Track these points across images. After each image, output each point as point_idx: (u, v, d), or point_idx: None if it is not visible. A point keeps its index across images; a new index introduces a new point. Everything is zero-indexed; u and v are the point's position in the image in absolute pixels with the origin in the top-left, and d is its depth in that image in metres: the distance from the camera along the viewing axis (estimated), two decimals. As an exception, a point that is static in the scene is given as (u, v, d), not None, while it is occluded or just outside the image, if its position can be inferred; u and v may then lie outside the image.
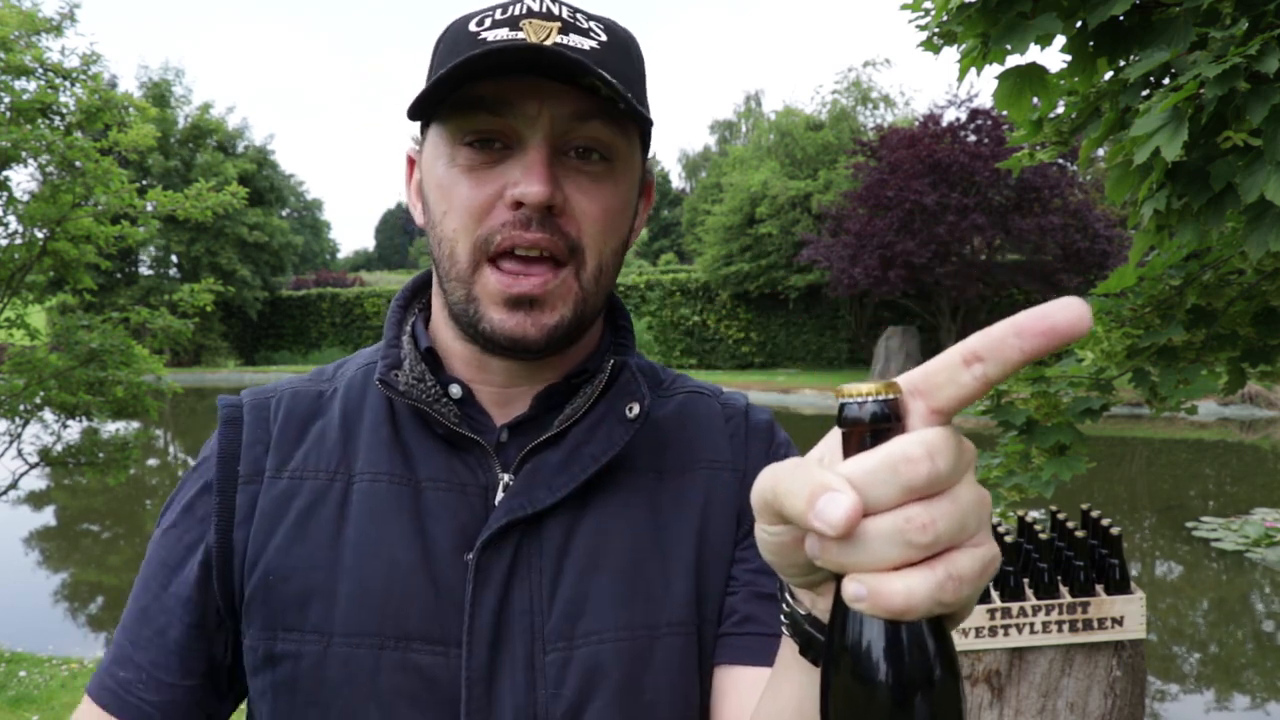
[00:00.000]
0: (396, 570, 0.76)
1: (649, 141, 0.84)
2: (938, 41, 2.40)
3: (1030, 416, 2.59)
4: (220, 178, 27.58)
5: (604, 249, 0.79)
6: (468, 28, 0.77)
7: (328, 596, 0.76)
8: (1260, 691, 5.31)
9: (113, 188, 5.92)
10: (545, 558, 0.78)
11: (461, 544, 0.77)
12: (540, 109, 0.74)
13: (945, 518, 0.41)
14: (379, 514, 0.78)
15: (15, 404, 5.87)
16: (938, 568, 0.40)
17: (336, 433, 0.83)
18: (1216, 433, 14.92)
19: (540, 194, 0.73)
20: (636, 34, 0.84)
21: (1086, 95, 2.35)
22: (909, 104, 34.05)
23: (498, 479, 0.80)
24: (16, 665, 5.22)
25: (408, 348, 0.85)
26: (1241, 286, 2.51)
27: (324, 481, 0.80)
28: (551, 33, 0.74)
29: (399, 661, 0.74)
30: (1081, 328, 0.39)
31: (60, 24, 6.22)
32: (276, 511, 0.80)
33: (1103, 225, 19.82)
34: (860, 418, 0.44)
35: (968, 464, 0.43)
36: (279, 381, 0.90)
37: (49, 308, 7.92)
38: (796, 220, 24.08)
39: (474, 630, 0.75)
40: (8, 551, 8.81)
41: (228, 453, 0.83)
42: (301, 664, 0.76)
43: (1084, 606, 2.81)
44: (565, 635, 0.76)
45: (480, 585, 0.76)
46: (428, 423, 0.82)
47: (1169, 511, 9.43)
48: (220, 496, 0.81)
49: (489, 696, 0.74)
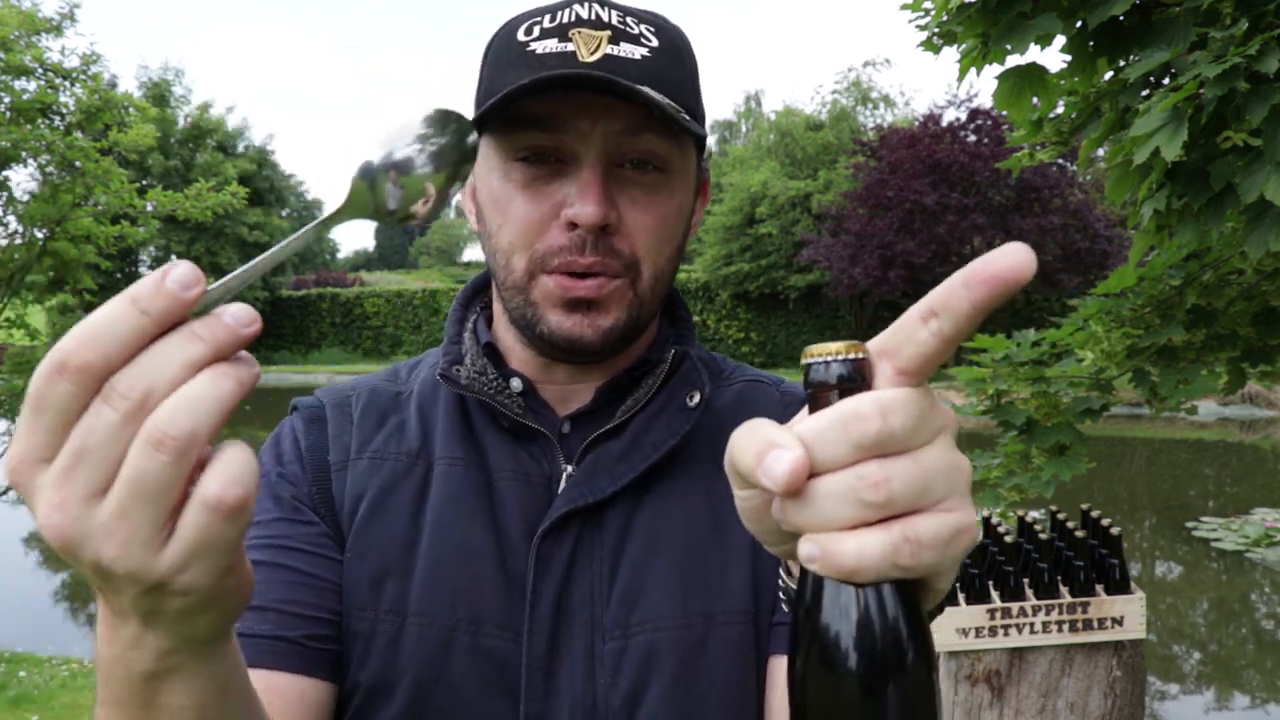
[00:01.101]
0: (470, 553, 0.77)
1: (704, 142, 0.82)
2: (938, 41, 2.40)
3: (1030, 416, 2.59)
4: (220, 178, 27.57)
5: (660, 258, 0.79)
6: (516, 36, 0.76)
7: (403, 576, 0.77)
8: (1260, 691, 5.31)
9: (113, 188, 5.93)
10: (605, 547, 0.78)
11: (527, 533, 0.78)
12: (593, 126, 0.74)
13: (902, 477, 0.40)
14: (455, 497, 0.79)
15: (15, 404, 5.87)
16: (894, 529, 0.40)
17: (415, 425, 0.84)
18: (1216, 433, 14.92)
19: (595, 215, 0.73)
20: None
21: (1086, 95, 2.35)
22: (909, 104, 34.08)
23: (561, 470, 0.81)
24: (16, 665, 5.22)
25: (469, 343, 0.86)
26: (1241, 286, 2.51)
27: (405, 464, 0.82)
28: (601, 43, 0.74)
29: (470, 645, 0.75)
30: (1023, 272, 0.38)
31: (60, 24, 6.22)
32: (360, 491, 0.81)
33: (1103, 225, 19.83)
34: (825, 379, 0.43)
35: (937, 427, 0.42)
36: (355, 380, 0.91)
37: (49, 308, 7.92)
38: (796, 220, 24.09)
39: (535, 619, 0.75)
40: (8, 551, 8.81)
41: (316, 448, 0.84)
42: (373, 644, 0.76)
43: (1084, 606, 2.82)
44: (622, 624, 0.76)
45: (541, 574, 0.77)
46: (493, 415, 0.83)
47: (1169, 511, 9.43)
48: (319, 488, 0.82)
49: (548, 686, 0.75)
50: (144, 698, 0.49)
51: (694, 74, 0.82)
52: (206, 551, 0.42)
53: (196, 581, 0.43)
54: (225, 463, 0.41)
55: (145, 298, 0.40)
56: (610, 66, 0.73)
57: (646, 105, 0.71)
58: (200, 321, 0.41)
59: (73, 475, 0.41)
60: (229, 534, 0.42)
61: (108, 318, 0.40)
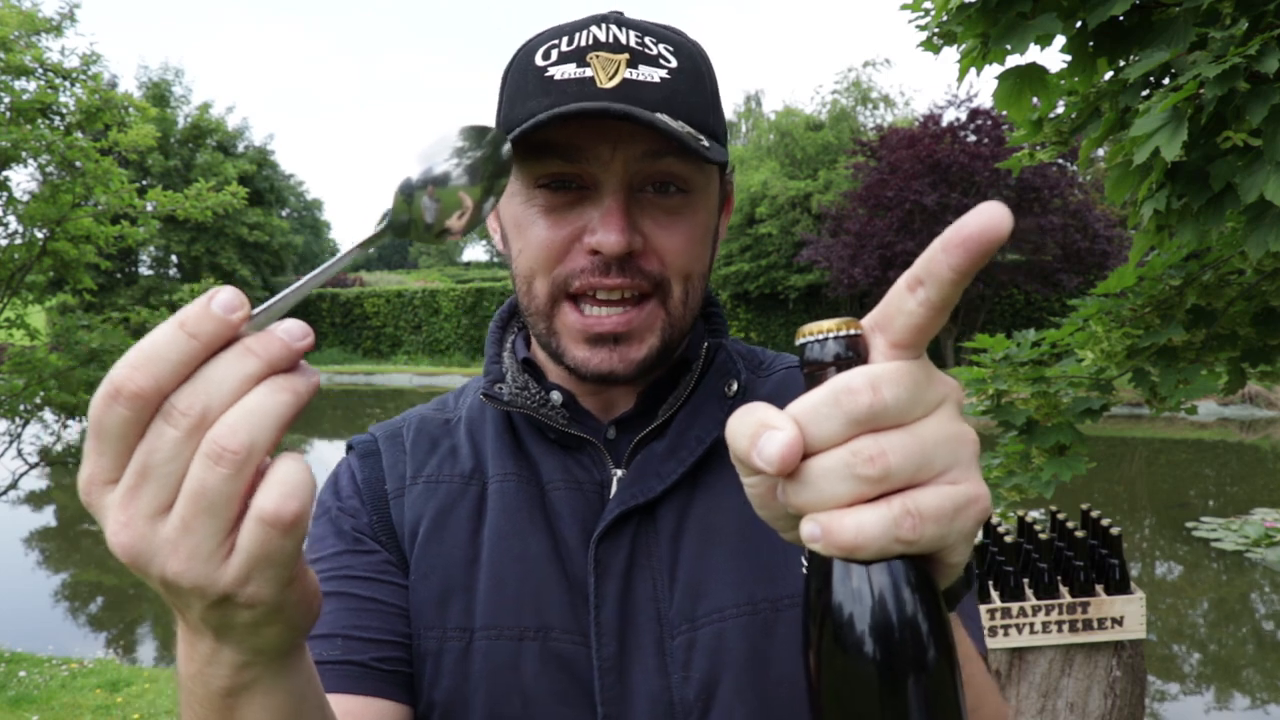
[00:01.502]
0: (530, 562, 0.79)
1: (726, 159, 0.82)
2: (938, 41, 2.40)
3: (1030, 417, 2.59)
4: (220, 178, 27.58)
5: (690, 275, 0.79)
6: (535, 61, 0.77)
7: (467, 593, 0.79)
8: (1260, 691, 5.31)
9: (113, 188, 5.92)
10: (662, 544, 0.79)
11: (584, 539, 0.79)
12: (613, 153, 0.74)
13: (898, 450, 0.40)
14: (511, 510, 0.81)
15: (15, 404, 5.87)
16: (894, 503, 0.39)
17: (466, 447, 0.86)
18: (1216, 433, 14.92)
19: (617, 244, 0.73)
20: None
21: (1086, 95, 2.35)
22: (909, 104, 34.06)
23: (611, 474, 0.82)
24: (16, 665, 5.22)
25: (509, 362, 0.88)
26: (1241, 286, 2.51)
27: (459, 485, 0.84)
28: (620, 67, 0.74)
29: (539, 651, 0.76)
30: (997, 231, 0.38)
31: (60, 24, 6.22)
32: (416, 513, 0.83)
33: (1103, 225, 19.82)
34: (820, 357, 0.43)
35: (937, 399, 0.42)
36: (405, 413, 0.93)
37: (49, 308, 7.92)
38: (796, 220, 24.08)
39: (601, 621, 0.76)
40: (8, 551, 8.81)
41: (372, 480, 0.86)
42: (444, 662, 0.77)
43: (1084, 606, 2.81)
44: (688, 617, 0.76)
45: (602, 576, 0.78)
46: (539, 428, 0.85)
47: (1169, 511, 9.43)
48: (378, 517, 0.84)
49: (622, 686, 0.75)
50: (224, 714, 0.51)
51: (714, 93, 0.82)
52: (267, 564, 0.43)
53: (260, 594, 0.44)
54: (280, 477, 0.42)
55: (192, 321, 0.41)
56: (629, 92, 0.73)
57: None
58: (254, 337, 0.43)
59: (137, 494, 0.42)
60: (287, 547, 0.43)
61: (158, 342, 0.41)
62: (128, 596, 7.50)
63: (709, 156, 0.73)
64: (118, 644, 6.43)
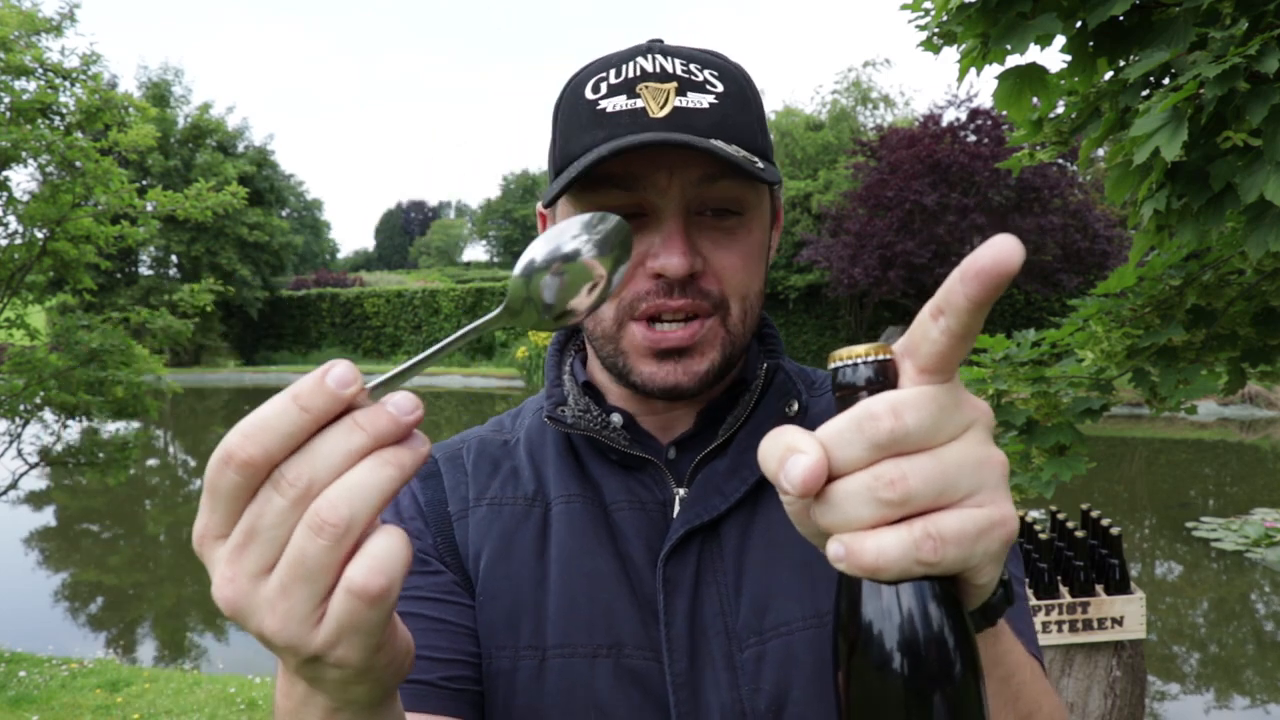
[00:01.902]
0: (600, 580, 0.80)
1: (778, 178, 0.85)
2: (938, 41, 2.40)
3: (1030, 416, 2.59)
4: (220, 178, 27.58)
5: (748, 293, 0.81)
6: (585, 95, 0.78)
7: (537, 612, 0.80)
8: (1260, 691, 5.31)
9: (113, 188, 5.92)
10: (727, 560, 0.81)
11: (650, 557, 0.81)
12: (670, 179, 0.76)
13: (920, 474, 0.41)
14: (578, 531, 0.82)
15: (15, 404, 5.87)
16: (916, 526, 0.40)
17: (528, 469, 0.88)
18: (1216, 433, 14.92)
19: (680, 266, 0.75)
20: (637, 35, 0.84)
21: (1086, 95, 2.35)
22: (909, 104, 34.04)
23: (673, 493, 0.84)
24: (16, 665, 5.22)
25: (569, 385, 0.90)
26: (1241, 286, 2.51)
27: (523, 507, 0.85)
28: (669, 96, 0.76)
29: (612, 668, 0.78)
30: (1008, 264, 0.39)
31: (60, 24, 6.22)
32: (481, 535, 0.84)
33: (1103, 225, 19.81)
34: (852, 381, 0.44)
35: (964, 423, 0.42)
36: (463, 435, 0.95)
37: (49, 308, 7.92)
38: (796, 220, 24.08)
39: (672, 637, 0.78)
40: (8, 551, 8.81)
41: (435, 501, 0.87)
42: (517, 680, 0.78)
43: (1084, 606, 2.82)
44: (755, 630, 0.78)
45: (671, 594, 0.79)
46: (600, 450, 0.86)
47: (1169, 511, 9.43)
48: (442, 538, 0.85)
49: (695, 700, 0.77)
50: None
51: (760, 113, 0.83)
52: (354, 631, 0.44)
53: (348, 657, 0.45)
54: (372, 550, 0.44)
55: (305, 395, 0.43)
56: (680, 120, 0.75)
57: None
58: (363, 412, 0.44)
59: (243, 553, 0.44)
60: (374, 618, 0.44)
61: (271, 413, 0.43)
62: (128, 596, 7.50)
63: (763, 178, 0.75)
64: (118, 644, 6.43)
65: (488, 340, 28.64)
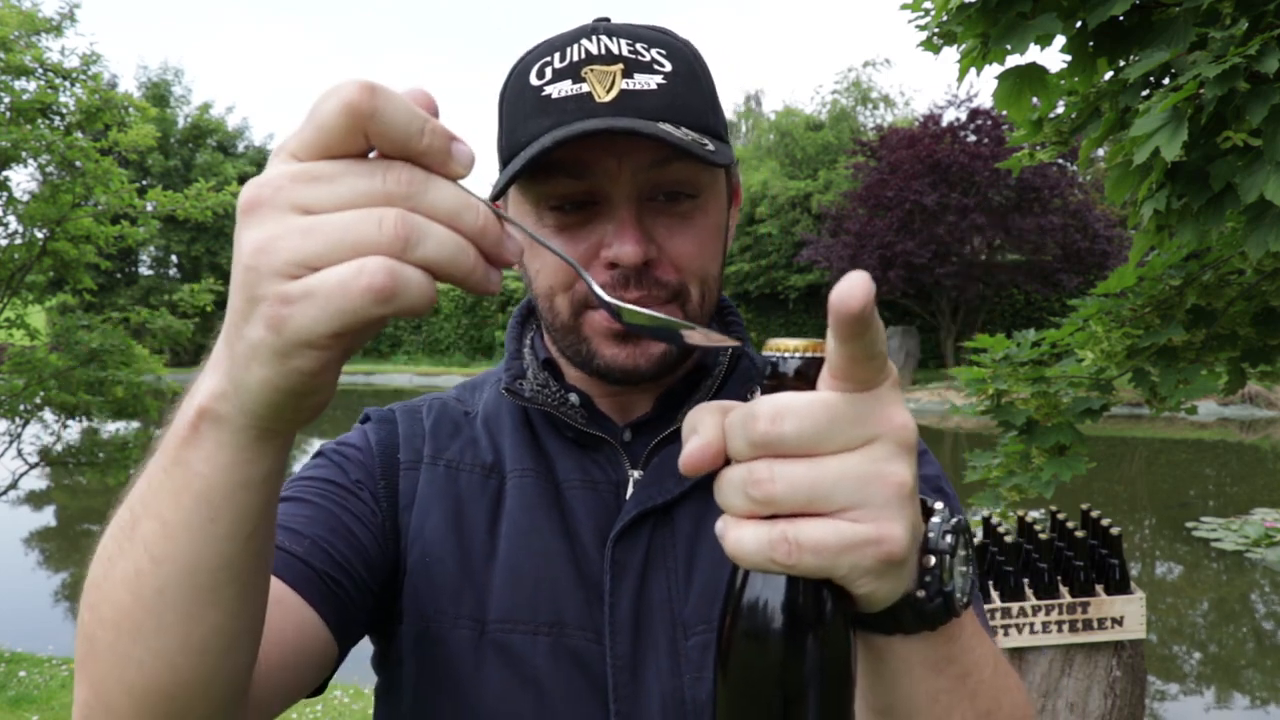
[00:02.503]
0: (547, 558, 0.79)
1: (731, 159, 0.82)
2: (938, 41, 2.40)
3: (1030, 417, 2.59)
4: (220, 178, 27.56)
5: (705, 278, 0.80)
6: (530, 81, 0.76)
7: (482, 585, 0.79)
8: (1260, 691, 5.31)
9: (113, 188, 5.93)
10: (679, 546, 0.80)
11: (599, 539, 0.80)
12: (620, 165, 0.74)
13: (788, 480, 0.41)
14: (529, 507, 0.82)
15: (15, 404, 5.87)
16: (776, 527, 0.41)
17: (485, 439, 0.87)
18: (1216, 433, 14.92)
19: (634, 254, 0.74)
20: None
21: (1086, 95, 2.35)
22: (909, 104, 34.05)
23: (628, 475, 0.83)
24: (16, 665, 5.22)
25: (529, 359, 0.90)
26: (1241, 286, 2.51)
27: (480, 476, 0.85)
28: (615, 78, 0.74)
29: (551, 646, 0.77)
30: (845, 304, 0.39)
31: (60, 24, 6.22)
32: (435, 495, 0.83)
33: (1103, 225, 19.81)
34: (779, 372, 0.45)
35: (863, 436, 0.42)
36: (424, 396, 0.94)
37: (49, 308, 7.91)
38: (796, 220, 24.08)
39: (615, 620, 0.77)
40: (8, 551, 8.81)
41: (386, 444, 0.86)
42: (453, 648, 0.77)
43: (1084, 606, 2.81)
44: (705, 618, 0.77)
45: (618, 576, 0.78)
46: (556, 426, 0.86)
47: (1169, 511, 9.43)
48: (385, 482, 0.84)
49: (636, 684, 0.76)
50: (178, 444, 0.49)
51: (711, 91, 0.81)
52: (331, 305, 0.41)
53: (305, 318, 0.41)
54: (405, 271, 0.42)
55: (440, 126, 0.44)
56: (628, 103, 0.73)
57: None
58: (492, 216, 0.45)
59: (308, 184, 0.42)
60: (351, 305, 0.41)
61: (403, 105, 0.43)
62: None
63: (715, 160, 0.73)
64: (118, 644, 6.42)
65: (487, 340, 28.65)
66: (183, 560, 0.49)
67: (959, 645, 0.52)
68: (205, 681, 0.53)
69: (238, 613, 0.53)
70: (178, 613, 0.50)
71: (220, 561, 0.50)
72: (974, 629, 0.55)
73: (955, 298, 21.41)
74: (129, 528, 0.51)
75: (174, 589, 0.50)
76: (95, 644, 0.53)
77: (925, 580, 0.48)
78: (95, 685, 0.53)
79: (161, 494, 0.49)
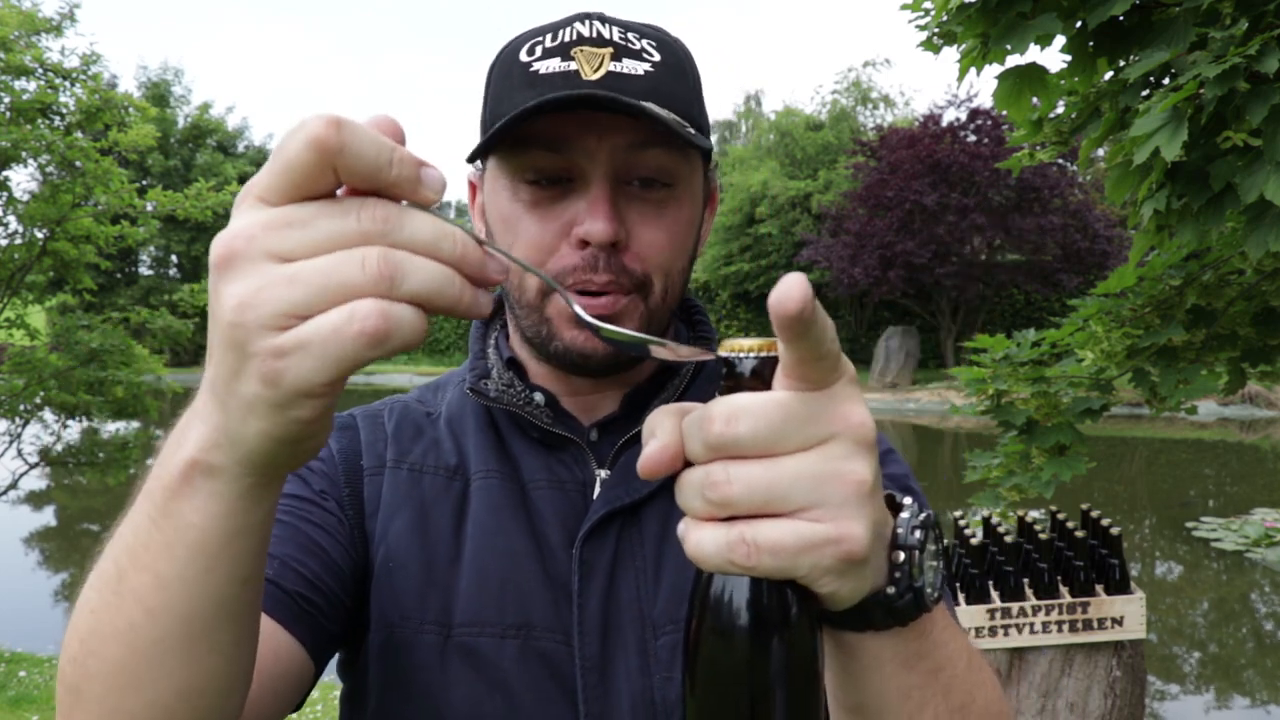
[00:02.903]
0: (514, 560, 0.79)
1: (710, 153, 0.83)
2: (938, 41, 2.40)
3: (1030, 417, 2.59)
4: (220, 178, 27.57)
5: (671, 272, 0.80)
6: (519, 57, 0.77)
7: (448, 589, 0.78)
8: (1260, 691, 5.31)
9: (113, 188, 5.92)
10: (647, 546, 0.80)
11: (566, 539, 0.80)
12: (599, 143, 0.74)
13: (744, 481, 0.41)
14: (495, 508, 0.81)
15: (15, 404, 5.87)
16: (734, 529, 0.41)
17: (449, 441, 0.86)
18: (1216, 433, 14.92)
19: (605, 232, 0.74)
20: None
21: (1086, 95, 2.35)
22: (909, 104, 34.06)
23: (594, 475, 0.83)
24: (16, 665, 5.22)
25: (494, 359, 0.89)
26: (1241, 286, 2.51)
27: (444, 479, 0.84)
28: (604, 60, 0.74)
29: (519, 649, 0.76)
30: (781, 305, 0.40)
31: (60, 24, 6.22)
32: (399, 499, 0.82)
33: (1103, 225, 19.82)
34: (735, 372, 0.44)
35: (819, 435, 0.42)
36: (385, 400, 0.93)
37: (49, 308, 7.91)
38: (796, 220, 24.09)
39: (584, 621, 0.77)
40: (8, 551, 8.81)
41: (349, 451, 0.85)
42: (419, 654, 0.77)
43: (1084, 606, 2.82)
44: (673, 618, 0.77)
45: (586, 577, 0.78)
46: (521, 426, 0.85)
47: (1169, 511, 9.43)
48: (350, 490, 0.83)
49: (605, 685, 0.76)
50: (168, 496, 0.48)
51: (697, 87, 0.82)
52: (328, 354, 0.40)
53: (302, 370, 0.41)
54: (396, 311, 0.41)
55: (406, 156, 0.43)
56: (613, 83, 0.73)
57: (651, 120, 0.71)
58: (471, 242, 0.44)
59: (281, 232, 0.41)
60: (347, 352, 0.40)
61: (370, 138, 0.41)
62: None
63: (695, 142, 0.74)
64: (118, 644, 6.42)
65: (488, 340, 28.63)
66: (179, 610, 0.49)
67: (930, 640, 0.52)
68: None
69: (234, 656, 0.53)
70: (175, 661, 0.50)
71: (217, 608, 0.50)
72: (945, 623, 0.55)
73: (955, 298, 21.41)
74: (114, 581, 0.50)
75: (172, 639, 0.49)
76: (82, 697, 0.52)
77: (895, 576, 0.48)
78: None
79: (152, 547, 0.48)
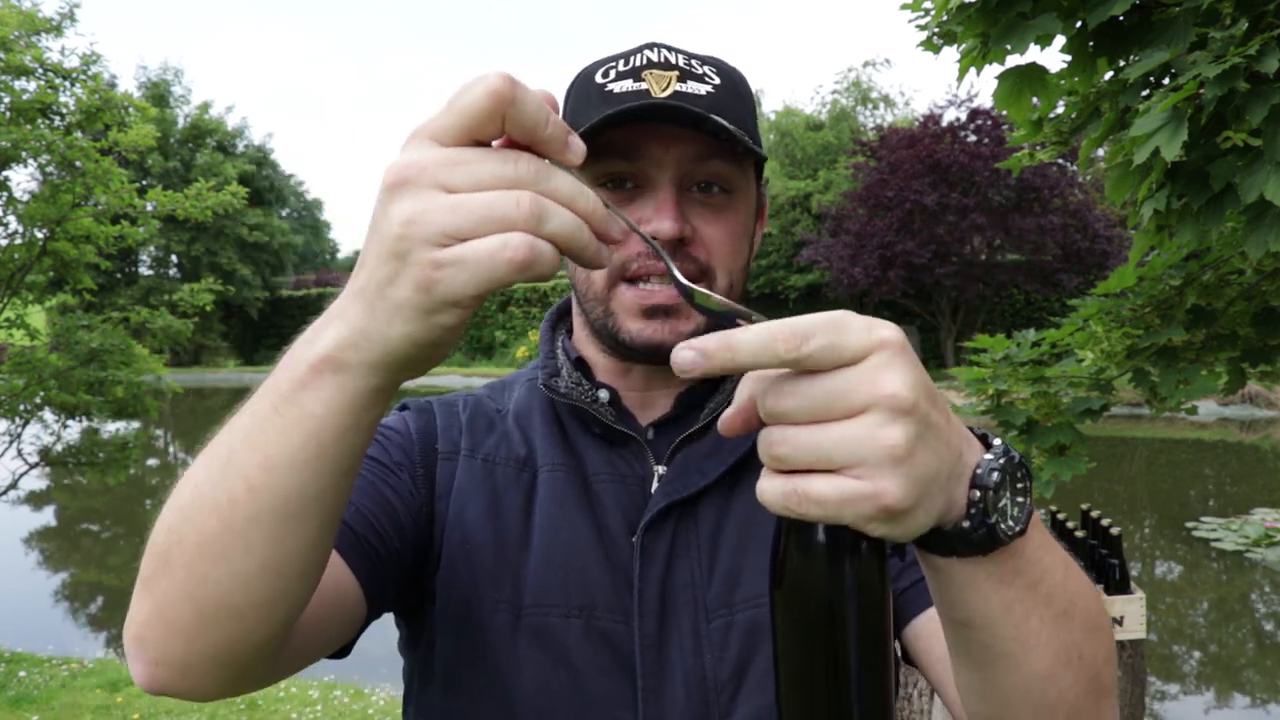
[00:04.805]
0: (578, 546, 0.86)
1: (762, 169, 0.93)
2: (938, 41, 2.39)
3: (1030, 417, 2.59)
4: (220, 178, 27.57)
5: (732, 268, 0.88)
6: (594, 80, 0.86)
7: (518, 571, 0.85)
8: (1260, 691, 5.31)
9: (113, 188, 5.92)
10: (702, 536, 0.87)
11: (626, 528, 0.87)
12: (666, 152, 0.83)
13: (794, 444, 0.47)
14: (560, 499, 0.88)
15: (15, 404, 5.87)
16: (790, 481, 0.48)
17: (517, 434, 0.93)
18: (1216, 433, 14.92)
19: (671, 229, 0.82)
20: (636, 35, 0.86)
21: (1086, 95, 2.35)
22: (909, 104, 34.04)
23: (652, 470, 0.90)
24: (16, 665, 5.22)
25: (562, 358, 0.96)
26: (1241, 286, 2.51)
27: (514, 470, 0.91)
28: (671, 81, 0.84)
29: (584, 628, 0.83)
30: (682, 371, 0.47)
31: (60, 24, 6.22)
32: (474, 486, 0.89)
33: (1103, 225, 19.81)
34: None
35: (855, 406, 0.47)
36: (459, 393, 1.00)
37: (49, 308, 7.91)
38: (796, 220, 24.10)
39: (643, 603, 0.84)
40: (8, 551, 8.81)
41: (425, 432, 0.92)
42: (493, 630, 0.83)
43: (1084, 606, 2.81)
44: (726, 603, 0.84)
45: (646, 563, 0.85)
46: (585, 422, 0.92)
47: (1169, 511, 9.43)
48: (424, 469, 0.89)
49: (660, 662, 0.83)
50: (295, 386, 0.54)
51: (752, 108, 0.91)
52: (481, 272, 0.48)
53: (456, 282, 0.48)
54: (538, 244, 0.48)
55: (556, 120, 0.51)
56: (680, 100, 0.82)
57: (713, 132, 0.80)
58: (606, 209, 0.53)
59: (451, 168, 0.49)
60: (497, 273, 0.47)
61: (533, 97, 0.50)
62: (128, 596, 7.49)
63: (751, 149, 0.83)
64: (118, 644, 6.43)
65: (487, 340, 28.63)
66: (281, 491, 0.54)
67: (1024, 559, 0.56)
68: (273, 604, 0.58)
69: (316, 542, 0.58)
70: (264, 538, 0.55)
71: (315, 494, 0.55)
72: (1041, 539, 0.58)
73: (955, 298, 21.41)
74: (224, 459, 0.56)
75: (266, 516, 0.55)
76: (170, 562, 0.57)
77: (970, 512, 0.52)
78: (160, 600, 0.58)
79: (268, 431, 0.54)
